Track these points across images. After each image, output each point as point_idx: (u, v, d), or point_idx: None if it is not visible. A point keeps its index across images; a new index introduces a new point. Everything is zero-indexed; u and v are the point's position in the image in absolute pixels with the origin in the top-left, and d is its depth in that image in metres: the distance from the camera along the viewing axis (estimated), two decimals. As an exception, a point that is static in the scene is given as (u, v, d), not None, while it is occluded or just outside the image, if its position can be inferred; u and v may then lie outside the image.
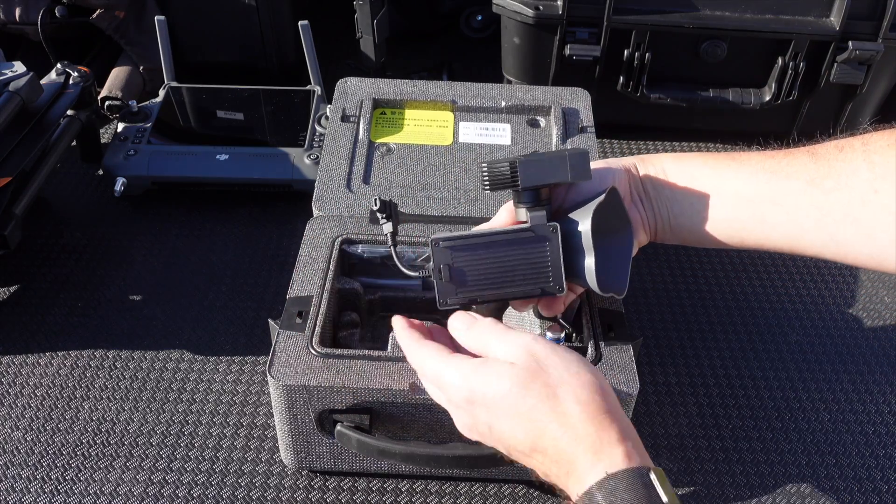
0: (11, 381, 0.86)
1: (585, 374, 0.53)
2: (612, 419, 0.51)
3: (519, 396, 0.52)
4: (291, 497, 0.74)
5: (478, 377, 0.54)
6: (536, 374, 0.52)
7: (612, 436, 0.50)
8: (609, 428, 0.50)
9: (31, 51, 1.27)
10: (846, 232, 0.58)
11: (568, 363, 0.53)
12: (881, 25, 1.08)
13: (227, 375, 0.87)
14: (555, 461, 0.52)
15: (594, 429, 0.50)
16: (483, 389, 0.54)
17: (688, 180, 0.65)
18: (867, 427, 0.83)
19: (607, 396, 0.52)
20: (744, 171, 0.63)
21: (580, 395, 0.51)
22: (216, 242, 1.04)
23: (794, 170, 0.60)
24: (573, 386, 0.52)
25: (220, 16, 1.30)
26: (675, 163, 0.67)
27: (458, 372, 0.55)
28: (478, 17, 1.52)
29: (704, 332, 0.94)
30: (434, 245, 0.64)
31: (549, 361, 0.53)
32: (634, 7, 1.10)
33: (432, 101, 0.98)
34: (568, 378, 0.52)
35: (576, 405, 0.51)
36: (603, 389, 0.52)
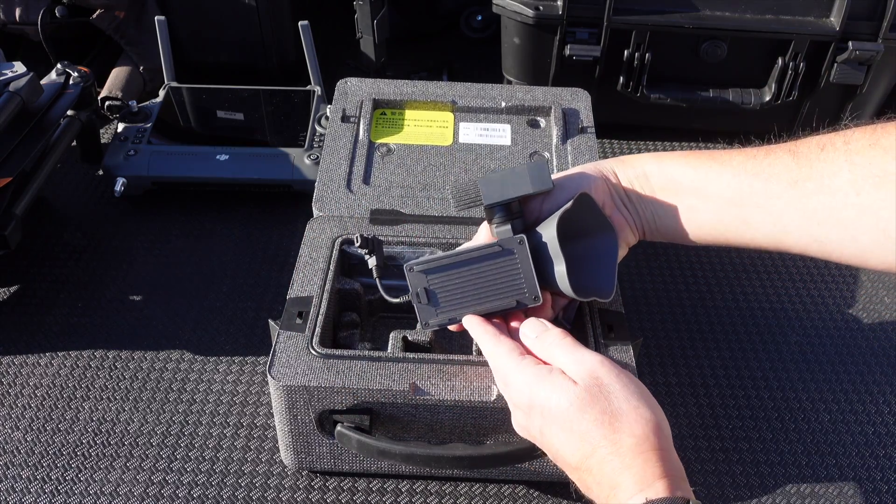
0: (11, 381, 0.86)
1: (645, 409, 0.54)
2: (662, 457, 0.52)
3: (576, 416, 0.54)
4: (291, 497, 0.74)
5: (540, 387, 0.56)
6: (596, 398, 0.54)
7: (658, 470, 0.51)
8: (656, 464, 0.52)
9: (31, 51, 1.27)
10: (829, 233, 0.58)
11: (629, 394, 0.55)
12: (881, 25, 1.08)
13: (227, 375, 0.87)
14: (598, 482, 0.53)
15: (642, 461, 0.52)
16: (542, 400, 0.56)
17: (669, 183, 0.65)
18: (867, 427, 0.83)
19: (661, 434, 0.54)
20: (726, 172, 0.63)
21: (635, 430, 0.53)
22: (216, 242, 1.04)
23: (775, 171, 0.60)
24: (631, 419, 0.53)
25: (220, 16, 1.30)
26: (657, 164, 0.67)
27: (522, 376, 0.58)
28: (478, 17, 1.52)
29: (704, 332, 0.94)
30: (408, 270, 0.66)
31: (612, 388, 0.55)
32: (634, 7, 1.10)
33: (432, 102, 0.98)
34: (627, 410, 0.54)
35: (630, 438, 0.52)
36: (659, 427, 0.54)
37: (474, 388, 0.67)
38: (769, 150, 0.62)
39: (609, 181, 0.67)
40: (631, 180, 0.67)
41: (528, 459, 0.69)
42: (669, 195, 0.65)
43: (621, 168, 0.68)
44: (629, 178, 0.67)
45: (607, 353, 0.69)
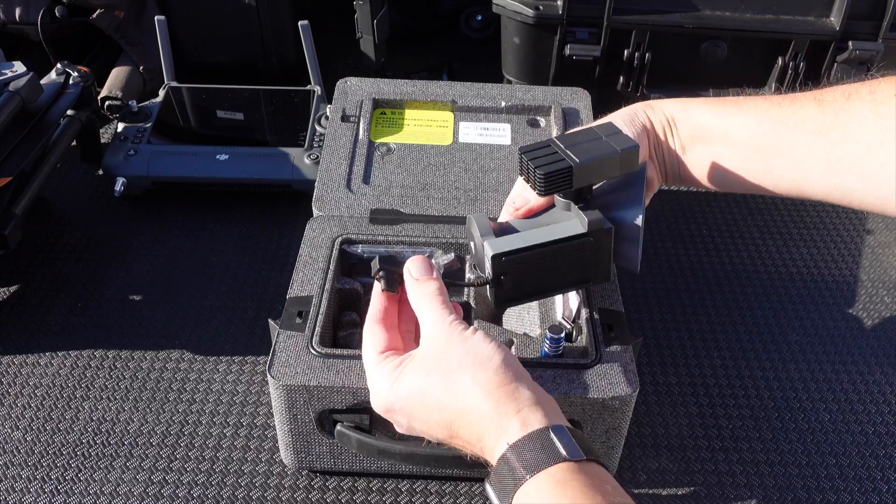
0: (11, 381, 0.86)
1: (483, 350, 0.54)
2: (510, 392, 0.52)
3: (422, 393, 0.55)
4: (291, 497, 0.74)
5: (392, 389, 0.57)
6: (436, 362, 0.55)
7: (510, 408, 0.52)
8: (507, 401, 0.52)
9: (31, 51, 1.27)
10: (851, 181, 0.59)
11: (468, 344, 0.55)
12: (881, 25, 1.08)
13: (227, 375, 0.87)
14: (468, 441, 0.54)
15: (493, 404, 0.52)
16: (394, 400, 0.57)
17: (695, 129, 0.66)
18: (867, 427, 0.83)
19: (507, 369, 0.54)
20: (750, 119, 0.63)
21: (478, 376, 0.53)
22: (216, 242, 1.04)
23: (800, 119, 0.60)
24: (470, 367, 0.54)
25: (220, 16, 1.30)
26: (683, 111, 0.67)
27: (377, 386, 0.58)
28: (478, 17, 1.52)
29: (704, 332, 0.94)
30: (490, 257, 0.62)
31: (451, 347, 0.55)
32: (634, 7, 1.10)
33: (432, 101, 0.98)
34: (466, 360, 0.54)
35: (474, 385, 0.53)
36: (505, 362, 0.54)
37: (474, 388, 0.67)
38: (794, 97, 0.62)
39: (647, 129, 0.68)
40: (659, 125, 0.68)
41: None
42: (695, 141, 0.66)
43: (650, 112, 0.68)
44: (657, 122, 0.68)
45: (607, 353, 0.69)
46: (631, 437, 0.80)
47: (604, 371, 0.68)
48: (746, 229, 1.09)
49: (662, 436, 0.81)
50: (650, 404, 0.85)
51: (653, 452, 0.80)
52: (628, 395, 0.67)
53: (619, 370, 0.68)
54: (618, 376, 0.68)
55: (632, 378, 0.68)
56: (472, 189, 0.88)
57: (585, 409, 0.67)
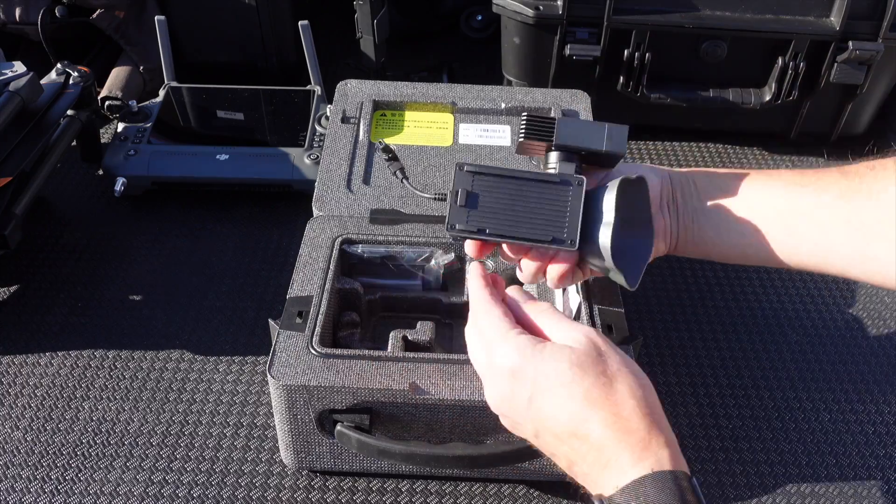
0: (11, 381, 0.86)
1: (642, 375, 0.54)
2: (662, 423, 0.51)
3: (576, 377, 0.52)
4: (291, 497, 0.74)
5: (534, 352, 0.54)
6: (596, 361, 0.53)
7: (661, 438, 0.50)
8: (658, 430, 0.51)
9: (31, 51, 1.27)
10: (876, 248, 0.57)
11: (626, 359, 0.54)
12: (881, 25, 1.08)
13: (227, 375, 0.87)
14: (595, 448, 0.51)
15: (646, 426, 0.50)
16: (538, 364, 0.53)
17: (716, 192, 0.65)
18: (867, 427, 0.83)
19: (657, 404, 0.53)
20: (775, 184, 0.63)
21: (636, 391, 0.52)
22: (216, 242, 1.04)
23: (824, 184, 0.60)
24: (630, 380, 0.52)
25: (220, 16, 1.30)
26: (705, 174, 0.67)
27: (514, 342, 0.55)
28: (478, 17, 1.52)
29: (704, 332, 0.94)
30: (458, 169, 0.61)
31: (609, 353, 0.54)
32: (634, 7, 1.10)
33: (432, 103, 0.98)
34: (626, 372, 0.53)
35: (631, 399, 0.51)
36: (655, 396, 0.53)
37: (474, 388, 0.67)
38: (817, 170, 0.62)
39: (666, 183, 0.66)
40: (681, 184, 0.66)
41: (528, 459, 0.69)
42: (716, 202, 0.64)
43: (676, 176, 0.67)
44: (680, 181, 0.66)
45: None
46: (631, 437, 0.80)
47: (604, 371, 0.68)
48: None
49: (663, 436, 0.81)
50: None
51: (653, 452, 0.80)
52: (628, 396, 0.67)
53: (619, 370, 0.68)
54: (618, 376, 0.67)
55: (632, 378, 0.67)
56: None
57: (585, 409, 0.67)
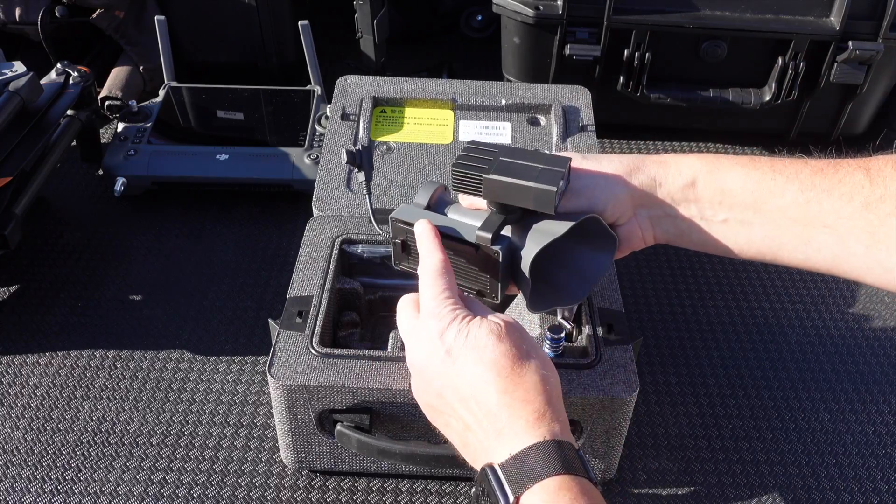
0: (11, 381, 0.86)
1: (552, 365, 0.56)
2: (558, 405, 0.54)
3: (489, 343, 0.54)
4: (291, 497, 0.74)
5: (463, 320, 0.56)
6: (512, 336, 0.55)
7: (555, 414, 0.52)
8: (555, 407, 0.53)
9: (31, 51, 1.27)
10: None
11: (540, 348, 0.57)
12: (881, 25, 1.07)
13: (227, 375, 0.87)
14: (490, 414, 0.53)
15: (543, 401, 0.52)
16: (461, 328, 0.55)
17: (720, 195, 0.61)
18: (867, 427, 0.83)
19: (558, 391, 0.55)
20: (791, 188, 0.58)
21: (540, 370, 0.54)
22: (216, 242, 1.04)
23: (847, 189, 0.56)
24: (538, 362, 0.54)
25: (220, 16, 1.30)
26: (709, 173, 0.61)
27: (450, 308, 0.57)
28: (478, 17, 1.52)
29: (704, 332, 0.94)
30: (391, 220, 0.64)
31: (527, 338, 0.56)
32: (634, 7, 1.10)
33: (432, 100, 0.98)
34: (537, 355, 0.55)
35: (535, 374, 0.53)
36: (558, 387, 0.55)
37: (474, 388, 0.67)
38: (837, 164, 0.58)
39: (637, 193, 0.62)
40: (674, 190, 0.62)
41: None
42: (718, 209, 0.61)
43: (664, 172, 0.62)
44: (672, 185, 0.62)
45: (607, 353, 0.69)
46: (631, 437, 0.80)
47: (604, 371, 0.68)
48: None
49: (662, 436, 0.81)
50: (650, 404, 0.85)
51: (653, 452, 0.80)
52: (628, 396, 0.67)
53: (619, 370, 0.68)
54: (618, 376, 0.67)
55: (632, 378, 0.68)
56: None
57: (585, 409, 0.67)
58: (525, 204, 0.59)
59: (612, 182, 0.62)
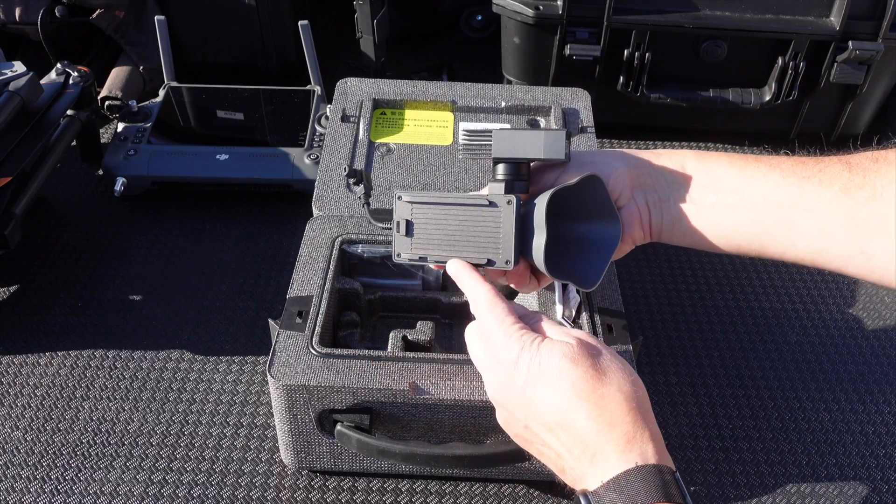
0: (11, 381, 0.86)
1: (633, 373, 0.55)
2: (648, 418, 0.52)
3: (566, 368, 0.53)
4: (291, 497, 0.74)
5: (533, 345, 0.55)
6: (587, 356, 0.54)
7: (646, 432, 0.51)
8: (644, 424, 0.51)
9: (31, 51, 1.27)
10: (877, 245, 0.56)
11: (618, 358, 0.55)
12: (881, 25, 1.08)
13: (227, 375, 0.87)
14: (580, 441, 0.52)
15: (631, 419, 0.51)
16: (534, 355, 0.55)
17: (708, 179, 0.63)
18: (867, 427, 0.83)
19: (646, 400, 0.54)
20: (773, 174, 0.61)
21: (624, 387, 0.53)
22: (216, 242, 1.04)
23: (827, 177, 0.58)
24: (620, 376, 0.53)
25: (220, 16, 1.30)
26: (698, 161, 0.64)
27: (516, 335, 0.56)
28: (478, 17, 1.52)
29: (704, 332, 0.94)
30: (397, 199, 0.65)
31: (602, 351, 0.55)
32: (634, 7, 1.10)
33: (432, 102, 0.98)
34: (616, 368, 0.54)
35: (619, 393, 0.52)
36: (644, 393, 0.54)
37: (474, 388, 0.67)
38: (819, 158, 0.60)
39: (636, 171, 0.64)
40: (664, 173, 0.64)
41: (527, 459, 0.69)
42: (706, 192, 0.63)
43: (656, 160, 0.65)
44: (664, 170, 0.64)
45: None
46: (631, 437, 0.80)
47: (604, 371, 0.68)
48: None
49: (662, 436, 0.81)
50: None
51: (653, 452, 0.80)
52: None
53: (619, 370, 0.68)
54: (618, 376, 0.67)
55: (632, 378, 0.67)
56: (471, 189, 0.88)
57: (585, 409, 0.67)
58: (535, 153, 0.61)
59: (612, 157, 0.65)
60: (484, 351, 0.58)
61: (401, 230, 0.65)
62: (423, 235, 0.65)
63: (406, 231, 0.65)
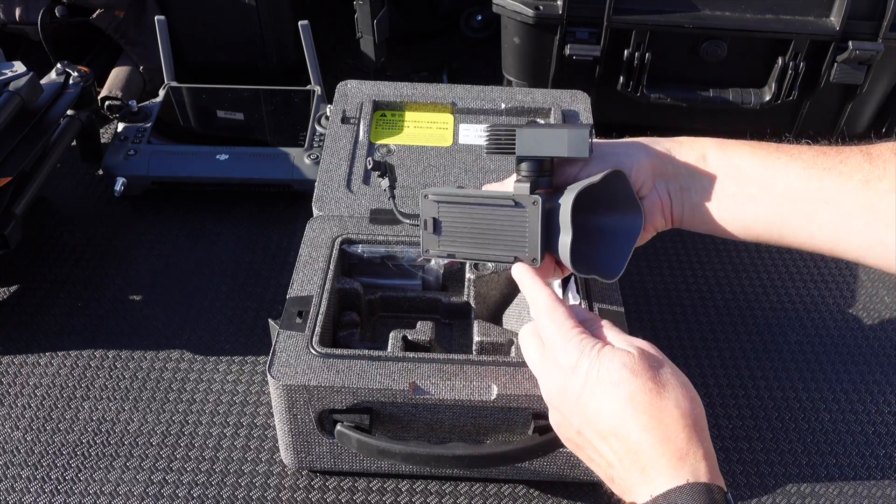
0: (11, 381, 0.86)
1: (692, 389, 0.54)
2: (703, 436, 0.52)
3: (625, 377, 0.52)
4: (291, 497, 0.74)
5: (593, 351, 0.55)
6: (648, 368, 0.53)
7: (700, 451, 0.51)
8: (698, 442, 0.51)
9: (31, 51, 1.27)
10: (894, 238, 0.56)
11: (678, 373, 0.55)
12: (881, 25, 1.07)
13: (227, 375, 0.87)
14: (632, 452, 0.51)
15: (686, 436, 0.51)
16: (593, 361, 0.54)
17: (729, 169, 0.63)
18: (867, 427, 0.83)
19: (703, 418, 0.53)
20: (794, 165, 0.61)
21: (682, 403, 0.52)
22: (216, 242, 1.04)
23: (847, 168, 0.59)
24: (678, 392, 0.53)
25: (220, 16, 1.30)
26: (719, 150, 0.64)
27: (577, 340, 0.56)
28: (478, 17, 1.52)
29: (704, 332, 0.94)
30: (423, 197, 0.65)
31: (663, 364, 0.55)
32: (634, 7, 1.10)
33: (432, 104, 0.98)
34: (676, 384, 0.53)
35: (676, 409, 0.52)
36: (702, 411, 0.54)
37: (474, 388, 0.67)
38: (840, 149, 0.61)
39: (658, 161, 0.65)
40: (686, 162, 0.65)
41: (527, 459, 0.69)
42: (727, 182, 0.63)
43: (677, 148, 0.65)
44: (685, 159, 0.64)
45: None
46: (631, 437, 0.80)
47: (604, 371, 0.68)
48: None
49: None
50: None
51: (653, 452, 0.80)
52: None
53: (619, 370, 0.68)
54: (618, 376, 0.67)
55: (632, 378, 0.67)
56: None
57: (585, 409, 0.67)
58: (559, 151, 0.62)
59: (634, 148, 0.65)
60: (541, 354, 0.58)
61: (428, 228, 0.66)
62: (451, 233, 0.66)
63: (434, 229, 0.66)
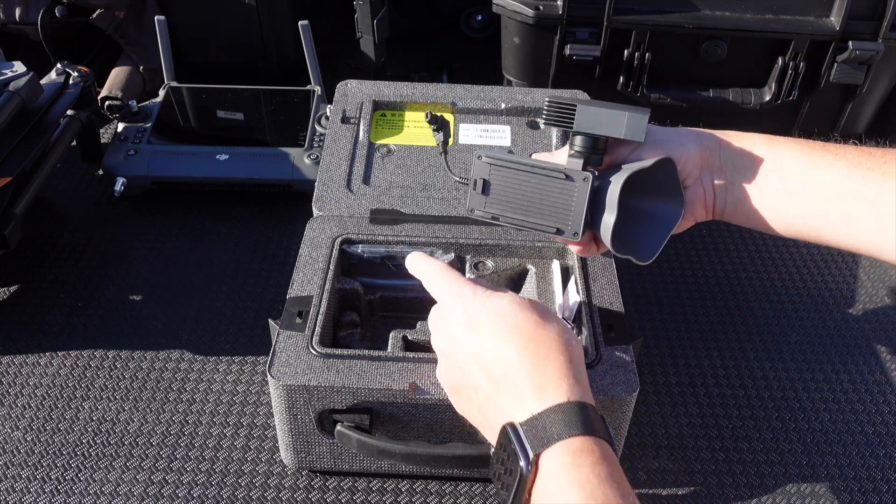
0: (11, 381, 0.86)
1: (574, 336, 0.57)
2: (581, 371, 0.54)
3: (511, 311, 0.55)
4: (291, 497, 0.74)
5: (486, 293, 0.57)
6: (533, 306, 0.56)
7: (580, 379, 0.53)
8: (578, 373, 0.53)
9: (31, 51, 1.27)
10: None
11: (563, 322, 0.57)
12: (881, 25, 1.08)
13: (227, 375, 0.87)
14: (511, 372, 0.53)
15: (565, 360, 0.53)
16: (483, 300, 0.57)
17: (775, 165, 0.64)
18: (867, 427, 0.83)
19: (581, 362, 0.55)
20: (838, 164, 0.62)
21: (562, 335, 0.55)
22: (216, 242, 1.04)
23: (892, 169, 0.59)
24: (559, 328, 0.55)
25: (220, 16, 1.30)
26: (766, 145, 0.65)
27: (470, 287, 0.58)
28: (478, 17, 1.52)
29: (704, 332, 0.94)
30: (477, 158, 0.67)
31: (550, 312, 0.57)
32: (634, 7, 1.10)
33: (432, 103, 0.98)
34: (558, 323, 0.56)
35: (557, 337, 0.54)
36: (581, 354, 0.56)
37: (474, 388, 0.67)
38: (886, 150, 0.61)
39: (706, 152, 0.66)
40: (734, 155, 0.65)
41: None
42: (771, 177, 0.64)
43: (726, 142, 0.66)
44: (733, 152, 0.65)
45: (607, 353, 0.70)
46: (631, 437, 0.80)
47: (604, 371, 0.68)
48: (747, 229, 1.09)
49: (662, 436, 0.81)
50: (650, 404, 0.85)
51: (653, 452, 0.80)
52: (628, 396, 0.67)
53: (619, 370, 0.68)
54: (618, 376, 0.68)
55: (632, 378, 0.68)
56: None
57: (585, 409, 0.67)
58: (616, 132, 0.63)
59: (685, 138, 0.66)
60: (435, 311, 0.60)
61: (477, 188, 0.68)
62: (498, 195, 0.67)
63: (482, 189, 0.67)
